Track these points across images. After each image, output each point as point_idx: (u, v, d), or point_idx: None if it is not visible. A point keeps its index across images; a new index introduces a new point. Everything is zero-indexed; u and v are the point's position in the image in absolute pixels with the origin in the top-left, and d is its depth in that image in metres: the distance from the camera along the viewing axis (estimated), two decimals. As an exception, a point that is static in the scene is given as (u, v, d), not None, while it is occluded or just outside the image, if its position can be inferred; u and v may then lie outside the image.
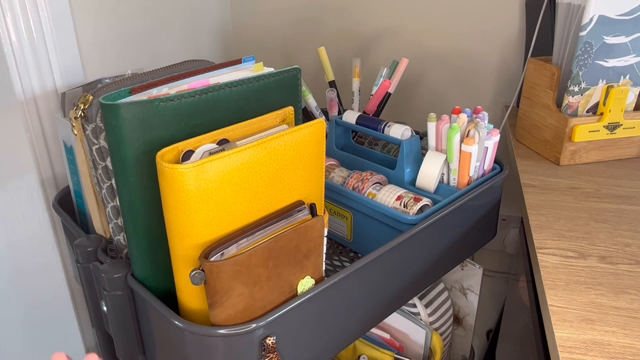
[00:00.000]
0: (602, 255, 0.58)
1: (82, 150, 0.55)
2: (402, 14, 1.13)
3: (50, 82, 0.71)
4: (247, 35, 1.27)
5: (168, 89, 0.48)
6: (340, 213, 0.70)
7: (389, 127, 0.71)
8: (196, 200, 0.42)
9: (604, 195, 0.71)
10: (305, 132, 0.48)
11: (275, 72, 0.52)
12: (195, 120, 0.46)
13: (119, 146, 0.44)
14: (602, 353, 0.45)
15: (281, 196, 0.48)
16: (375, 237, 0.66)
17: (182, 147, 0.43)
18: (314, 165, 0.50)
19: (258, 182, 0.45)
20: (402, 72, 0.81)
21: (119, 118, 0.42)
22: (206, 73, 0.52)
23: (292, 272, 0.49)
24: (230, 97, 0.48)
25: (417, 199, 0.64)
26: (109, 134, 0.44)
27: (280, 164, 0.47)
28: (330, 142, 0.78)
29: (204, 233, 0.43)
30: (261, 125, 0.49)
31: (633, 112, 0.79)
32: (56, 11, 0.70)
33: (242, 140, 0.46)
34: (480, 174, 0.70)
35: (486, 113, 0.67)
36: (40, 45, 0.69)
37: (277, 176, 0.47)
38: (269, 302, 0.47)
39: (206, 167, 0.41)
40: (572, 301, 0.51)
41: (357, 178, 0.68)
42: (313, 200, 0.52)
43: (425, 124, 0.70)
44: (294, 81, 0.54)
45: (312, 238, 0.50)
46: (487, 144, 0.67)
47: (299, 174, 0.49)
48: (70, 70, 0.74)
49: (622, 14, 0.74)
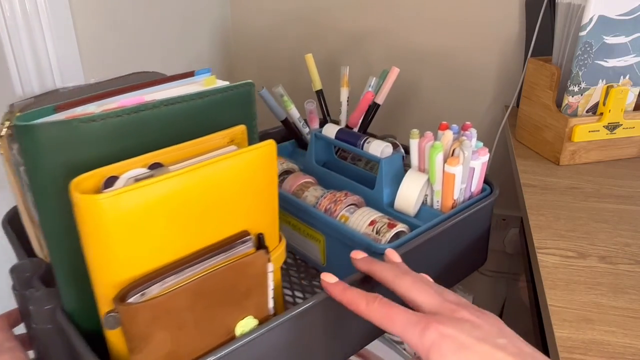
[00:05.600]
0: (602, 255, 0.58)
1: (9, 170, 0.49)
2: (402, 14, 1.13)
3: (50, 82, 0.71)
4: (247, 36, 1.27)
5: (96, 107, 0.43)
6: (313, 236, 0.64)
7: (368, 144, 0.65)
8: (114, 234, 0.37)
9: (604, 195, 0.71)
10: (252, 155, 0.42)
11: (223, 88, 0.46)
12: (126, 142, 0.41)
13: (35, 171, 0.39)
14: (602, 353, 0.45)
15: (222, 226, 0.43)
16: (348, 263, 0.59)
17: (106, 173, 0.38)
18: (263, 191, 0.45)
19: (193, 211, 0.40)
20: (392, 81, 0.75)
21: (33, 141, 0.38)
22: (149, 87, 0.47)
23: (229, 313, 0.43)
24: (169, 115, 0.43)
25: (392, 224, 0.58)
26: (24, 157, 0.39)
27: (220, 191, 0.41)
28: (310, 157, 0.73)
29: (124, 270, 0.38)
30: (205, 147, 0.43)
31: (633, 112, 0.79)
32: (56, 11, 0.70)
33: (178, 164, 0.41)
34: (467, 196, 0.63)
35: (475, 130, 0.61)
36: (40, 45, 0.69)
37: (218, 204, 0.41)
38: (199, 348, 0.42)
39: (125, 197, 0.36)
40: (572, 301, 0.51)
41: (330, 199, 0.62)
42: (263, 230, 0.46)
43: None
44: (247, 97, 0.48)
45: (252, 275, 0.44)
46: (473, 165, 0.61)
47: (245, 200, 0.43)
48: (70, 70, 0.74)
49: (622, 14, 0.74)
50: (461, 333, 0.35)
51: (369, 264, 0.45)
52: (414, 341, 0.36)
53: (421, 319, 0.36)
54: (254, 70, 1.31)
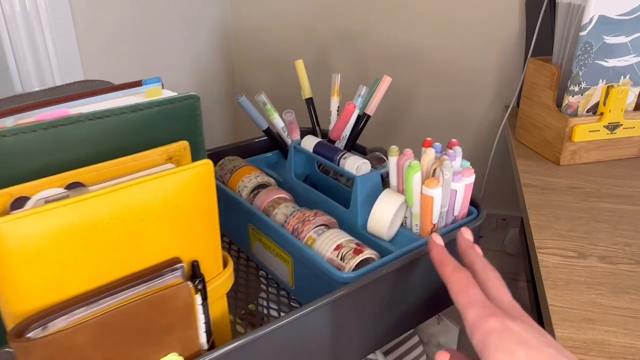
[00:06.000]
0: (602, 255, 0.58)
1: None
2: (402, 15, 1.13)
3: (51, 82, 0.71)
4: (247, 37, 1.27)
5: (14, 120, 0.39)
6: (282, 256, 0.59)
7: (344, 159, 0.60)
8: (15, 261, 0.33)
9: (604, 195, 0.71)
10: (185, 176, 0.38)
11: (161, 101, 0.43)
12: (45, 159, 0.38)
13: None
14: (603, 353, 0.45)
15: (149, 253, 0.38)
16: (315, 289, 0.54)
17: (15, 193, 0.34)
18: (199, 215, 0.40)
19: (113, 236, 0.36)
20: (383, 91, 0.70)
21: None
22: (84, 98, 0.43)
23: (147, 351, 0.39)
24: (95, 131, 0.39)
25: (358, 250, 0.52)
26: None
27: (147, 214, 0.37)
28: (289, 171, 0.68)
29: (28, 300, 0.34)
30: (137, 165, 0.39)
31: (633, 112, 0.79)
32: (56, 11, 0.70)
33: (101, 184, 0.37)
34: (450, 220, 0.57)
35: (459, 149, 0.56)
36: (40, 45, 0.69)
37: (143, 228, 0.37)
38: None
39: (29, 220, 0.32)
40: (573, 301, 0.51)
41: (299, 218, 0.57)
42: (201, 256, 0.41)
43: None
44: (191, 111, 0.44)
45: (174, 309, 0.39)
46: (455, 187, 0.55)
47: (177, 225, 0.39)
48: (70, 70, 0.74)
49: (622, 14, 0.74)
50: (527, 333, 0.35)
51: (466, 248, 0.46)
52: (474, 320, 0.36)
53: (493, 307, 0.37)
54: (254, 72, 1.31)
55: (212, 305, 0.43)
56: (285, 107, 0.71)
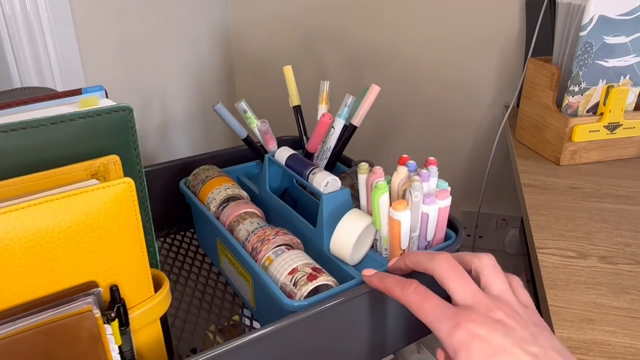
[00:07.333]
0: (602, 255, 0.58)
1: None
2: (402, 15, 1.13)
3: (51, 82, 0.71)
4: (247, 39, 1.27)
5: None
6: (243, 274, 0.56)
7: (313, 175, 0.56)
8: None
9: (604, 195, 0.71)
10: (100, 195, 0.35)
11: (87, 112, 0.39)
12: None
13: None
14: (603, 353, 0.45)
15: (59, 277, 0.35)
16: (273, 311, 0.51)
17: None
18: (121, 236, 0.37)
19: (11, 259, 0.33)
20: (371, 101, 0.65)
21: None
22: (17, 107, 0.40)
23: None
24: (7, 145, 0.36)
25: (313, 276, 0.48)
26: None
27: (53, 235, 0.34)
28: (263, 184, 0.65)
29: None
30: (54, 181, 0.36)
31: (633, 112, 0.79)
32: (56, 11, 0.70)
33: (5, 202, 0.34)
34: (423, 245, 0.53)
35: (435, 169, 0.51)
36: (40, 45, 0.69)
37: (50, 250, 0.34)
38: None
39: None
40: (573, 301, 0.51)
41: (259, 237, 0.53)
42: (124, 280, 0.38)
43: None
44: (122, 124, 0.40)
45: (78, 340, 0.35)
46: (427, 210, 0.50)
47: (93, 247, 0.36)
48: (70, 70, 0.74)
49: (622, 14, 0.74)
50: (492, 335, 0.33)
51: (407, 258, 0.43)
52: (443, 336, 0.34)
53: (454, 314, 0.35)
54: (254, 74, 1.31)
55: (141, 331, 0.40)
56: (286, 110, 0.70)
